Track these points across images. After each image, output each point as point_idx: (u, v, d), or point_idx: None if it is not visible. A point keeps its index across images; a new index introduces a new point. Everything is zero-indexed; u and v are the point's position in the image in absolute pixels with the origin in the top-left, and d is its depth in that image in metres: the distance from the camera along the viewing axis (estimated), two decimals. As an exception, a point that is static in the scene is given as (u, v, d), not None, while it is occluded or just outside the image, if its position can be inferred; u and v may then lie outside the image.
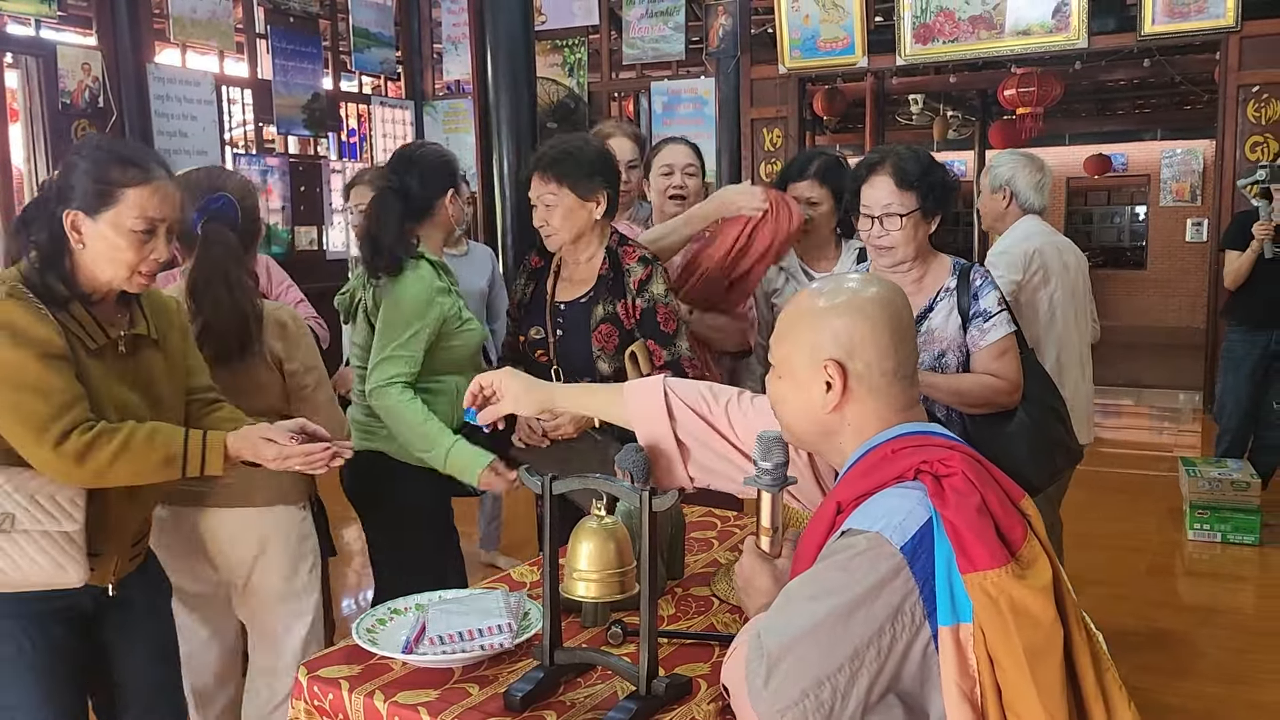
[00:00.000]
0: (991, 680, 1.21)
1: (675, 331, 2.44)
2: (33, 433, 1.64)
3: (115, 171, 1.72)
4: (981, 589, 1.20)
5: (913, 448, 1.34)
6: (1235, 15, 6.43)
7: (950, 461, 1.29)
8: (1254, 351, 4.68)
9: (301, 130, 7.78)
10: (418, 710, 1.40)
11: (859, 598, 1.21)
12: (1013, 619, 1.19)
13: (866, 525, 1.26)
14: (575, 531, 1.42)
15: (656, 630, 1.36)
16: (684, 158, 3.02)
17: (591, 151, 2.47)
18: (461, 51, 8.84)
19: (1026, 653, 1.19)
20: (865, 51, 7.43)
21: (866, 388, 1.38)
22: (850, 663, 1.20)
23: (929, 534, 1.24)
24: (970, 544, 1.21)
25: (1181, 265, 14.26)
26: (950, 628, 1.21)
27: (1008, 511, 1.28)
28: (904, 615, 1.22)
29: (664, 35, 8.22)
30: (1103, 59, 8.11)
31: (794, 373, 1.43)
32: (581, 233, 2.46)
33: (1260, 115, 6.60)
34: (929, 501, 1.26)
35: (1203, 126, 13.27)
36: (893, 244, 2.31)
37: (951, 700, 1.21)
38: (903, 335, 1.41)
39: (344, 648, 1.59)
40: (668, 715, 1.37)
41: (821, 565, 1.28)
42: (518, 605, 1.61)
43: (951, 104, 12.26)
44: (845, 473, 1.40)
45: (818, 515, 1.39)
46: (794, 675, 1.20)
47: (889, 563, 1.22)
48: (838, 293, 1.43)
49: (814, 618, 1.22)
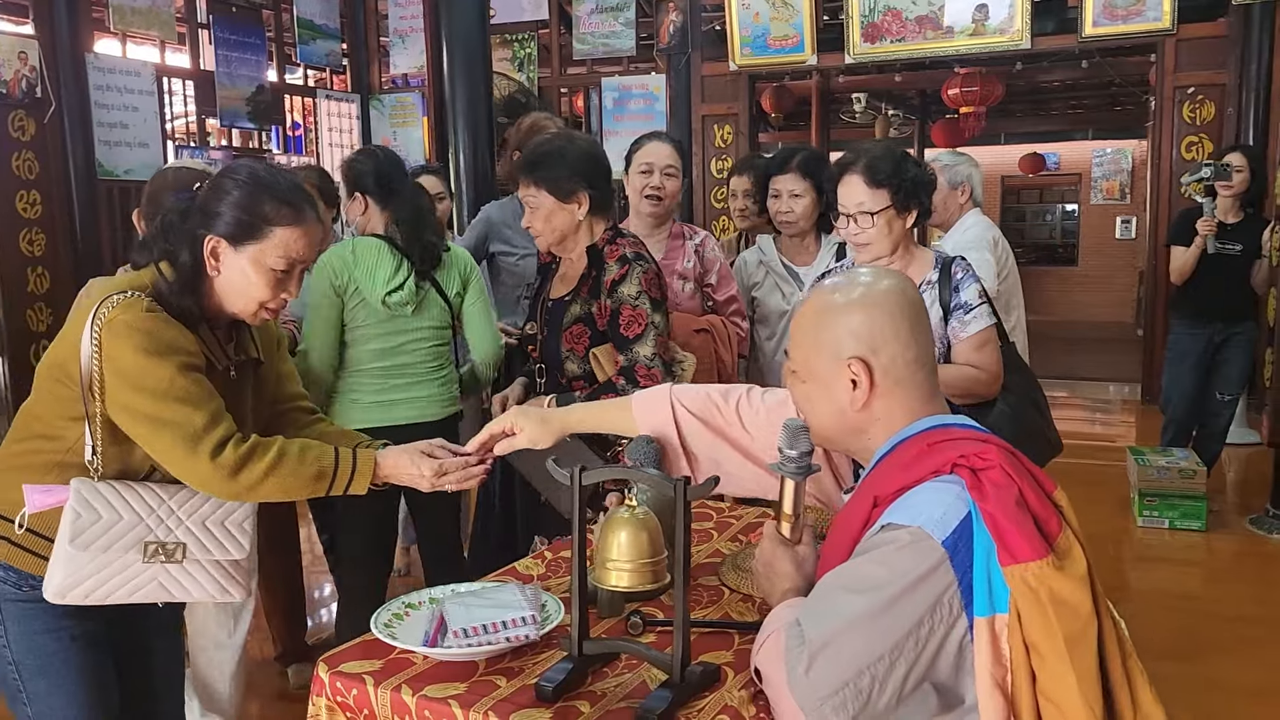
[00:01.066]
0: (1025, 669, 1.24)
1: (638, 337, 2.37)
2: (186, 443, 1.59)
3: (269, 207, 1.67)
4: (1022, 580, 1.22)
5: (948, 441, 1.36)
6: (1171, 19, 6.62)
7: (987, 455, 1.31)
8: (1198, 344, 4.82)
9: (245, 123, 7.63)
10: (448, 703, 1.39)
11: (901, 591, 1.23)
12: (1053, 609, 1.22)
13: (908, 520, 1.28)
14: (607, 522, 1.43)
15: (689, 619, 1.36)
16: (665, 157, 2.95)
17: (573, 151, 2.45)
18: (409, 45, 8.74)
19: (1066, 641, 1.22)
20: (815, 50, 7.50)
21: (893, 380, 1.40)
22: (890, 653, 1.22)
23: (968, 527, 1.26)
24: (1010, 537, 1.24)
25: (1111, 261, 14.66)
26: (986, 619, 1.24)
27: (1043, 503, 1.31)
28: (942, 607, 1.25)
29: (614, 31, 8.22)
30: (1044, 60, 8.30)
31: (816, 375, 1.44)
32: (565, 233, 2.46)
33: (1195, 116, 6.82)
34: (968, 495, 1.28)
35: (1132, 127, 13.68)
36: (868, 240, 2.36)
37: (984, 688, 1.24)
38: (920, 323, 1.43)
39: (362, 642, 1.57)
40: (701, 702, 1.38)
41: (864, 558, 1.30)
42: (535, 597, 1.61)
43: (893, 103, 12.45)
44: (876, 465, 1.41)
45: (852, 507, 1.40)
46: (834, 664, 1.22)
47: (931, 557, 1.25)
48: (850, 289, 1.44)
49: (856, 609, 1.24)
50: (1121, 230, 14.51)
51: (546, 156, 2.43)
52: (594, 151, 2.50)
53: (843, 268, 2.59)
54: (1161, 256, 6.92)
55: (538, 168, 2.42)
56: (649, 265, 2.44)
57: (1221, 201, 4.71)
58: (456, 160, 5.92)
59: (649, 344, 2.36)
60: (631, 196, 3.02)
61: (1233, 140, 6.59)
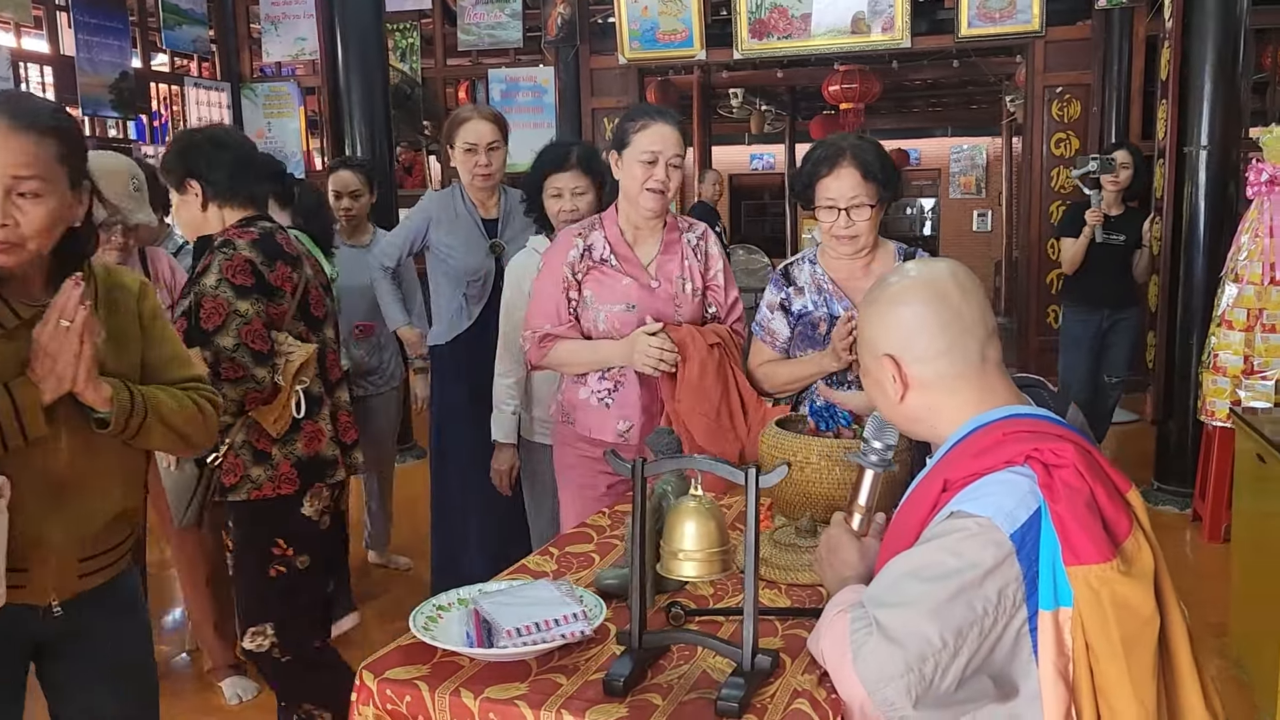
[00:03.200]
0: (1085, 663, 1.26)
1: (217, 328, 2.21)
2: None
3: None
4: (1085, 581, 1.24)
5: (1025, 433, 1.35)
6: (1040, 21, 6.95)
7: (1062, 452, 1.31)
8: (1090, 330, 5.11)
9: (109, 111, 7.20)
10: (515, 704, 1.35)
11: (969, 581, 1.24)
12: (1113, 611, 1.24)
13: (977, 510, 1.28)
14: (675, 512, 1.41)
15: (758, 607, 1.36)
16: (673, 145, 2.47)
17: (184, 142, 2.45)
18: (283, 32, 8.42)
19: (1123, 642, 1.25)
20: (703, 45, 7.58)
21: (932, 374, 1.39)
22: (955, 640, 1.23)
23: (1037, 523, 1.27)
24: (1076, 538, 1.25)
25: (969, 253, 15.31)
26: (1051, 612, 1.26)
27: (1115, 504, 1.31)
28: (1006, 599, 1.26)
29: (500, 22, 8.11)
30: (923, 59, 8.60)
31: (867, 369, 1.47)
32: (195, 225, 2.46)
33: (1063, 114, 7.18)
34: (1039, 490, 1.29)
35: (987, 124, 14.35)
36: (858, 233, 2.39)
37: (1047, 678, 1.26)
38: (954, 311, 1.39)
39: (400, 647, 1.51)
40: (770, 688, 1.38)
41: (932, 545, 1.30)
42: (571, 592, 1.58)
43: (766, 98, 12.69)
44: (949, 450, 1.40)
45: (920, 490, 1.41)
46: (899, 649, 1.22)
47: (998, 549, 1.25)
48: (886, 285, 1.46)
49: (923, 596, 1.24)
50: (978, 223, 15.21)
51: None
52: (214, 139, 2.42)
53: (803, 259, 2.61)
54: (1035, 248, 7.32)
55: None
56: (236, 251, 2.26)
57: (1106, 195, 5.00)
58: (354, 150, 5.75)
59: (231, 334, 2.20)
60: (627, 185, 2.50)
61: (1097, 137, 7.00)
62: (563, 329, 2.52)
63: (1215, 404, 4.20)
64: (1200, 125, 4.61)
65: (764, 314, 2.60)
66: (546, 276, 2.59)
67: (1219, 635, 3.40)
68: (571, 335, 2.53)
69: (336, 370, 2.45)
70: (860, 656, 1.24)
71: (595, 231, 2.56)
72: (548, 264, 2.60)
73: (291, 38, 8.42)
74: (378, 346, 3.99)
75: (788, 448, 1.96)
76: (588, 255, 2.54)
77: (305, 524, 2.34)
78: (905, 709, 1.23)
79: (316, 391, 2.35)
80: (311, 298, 2.38)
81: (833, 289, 2.50)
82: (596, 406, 2.55)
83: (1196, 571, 4.20)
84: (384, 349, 4.04)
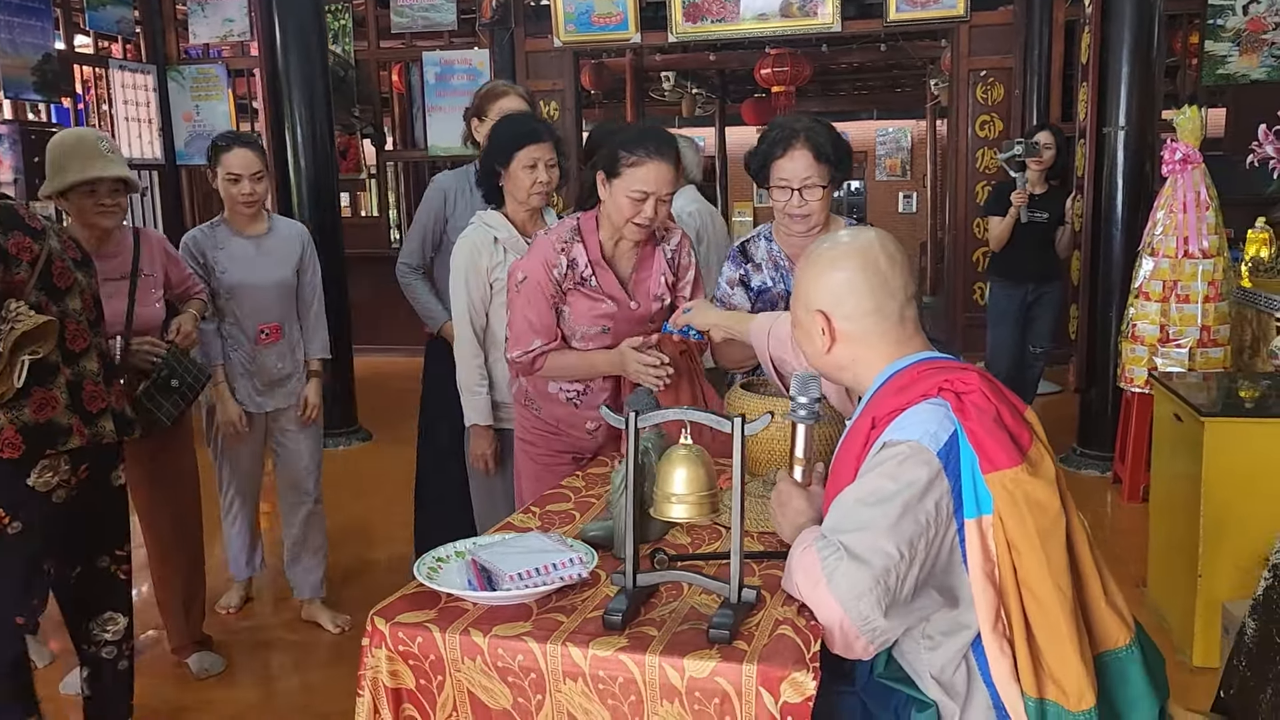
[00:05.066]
0: (1009, 563, 1.45)
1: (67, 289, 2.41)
2: None
3: None
4: (1001, 485, 1.44)
5: (935, 369, 1.57)
6: (965, 6, 7.18)
7: (969, 380, 1.53)
8: (1014, 303, 5.36)
9: (32, 94, 7.04)
10: (523, 640, 1.46)
11: (911, 498, 1.43)
12: (1027, 508, 1.44)
13: (905, 436, 1.48)
14: (667, 458, 1.52)
15: (742, 547, 1.48)
16: (667, 185, 2.37)
17: None
18: (210, 13, 8.29)
19: (1040, 535, 1.45)
20: (639, 28, 7.67)
21: (857, 330, 1.61)
22: (908, 551, 1.42)
23: (956, 442, 1.47)
24: (990, 448, 1.45)
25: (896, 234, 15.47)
26: (974, 520, 1.46)
27: (1017, 421, 1.53)
28: (941, 510, 1.46)
29: (434, 5, 8.10)
30: (854, 43, 8.80)
31: (799, 320, 1.68)
32: None
33: (987, 97, 7.43)
34: (953, 415, 1.49)
35: (912, 108, 14.68)
36: (810, 212, 2.51)
37: (977, 581, 1.46)
38: (882, 279, 1.61)
39: (405, 596, 1.60)
40: (755, 618, 1.51)
41: (873, 473, 1.48)
42: (561, 540, 1.69)
43: (696, 81, 12.83)
44: (874, 393, 1.61)
45: (853, 432, 1.61)
46: (866, 566, 1.40)
47: (930, 467, 1.45)
48: (824, 249, 1.67)
49: (876, 517, 1.42)
50: (904, 205, 15.57)
51: None
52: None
53: (759, 236, 2.73)
54: (961, 228, 7.57)
55: None
56: None
57: (1030, 174, 5.23)
58: (294, 134, 5.73)
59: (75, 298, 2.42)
60: (613, 212, 2.42)
61: (1019, 119, 7.26)
62: (555, 344, 2.50)
63: (1134, 371, 4.45)
64: (1118, 107, 4.84)
65: (724, 290, 2.71)
66: (534, 290, 2.47)
67: (1138, 586, 3.64)
68: (560, 347, 2.52)
69: (81, 341, 2.42)
70: (834, 579, 1.41)
71: (577, 245, 2.48)
72: (532, 275, 2.47)
73: (219, 19, 8.30)
74: (289, 350, 3.46)
75: (753, 408, 2.08)
76: (572, 271, 2.47)
77: (27, 493, 2.31)
78: (877, 619, 1.40)
79: (53, 360, 2.33)
80: (55, 268, 2.38)
81: (789, 265, 2.63)
82: (565, 404, 2.59)
83: (1117, 529, 4.45)
84: (296, 350, 3.50)
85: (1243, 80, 6.79)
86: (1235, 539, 2.96)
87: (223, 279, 3.32)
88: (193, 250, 3.33)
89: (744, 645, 1.42)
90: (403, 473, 3.99)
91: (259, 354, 3.38)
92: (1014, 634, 1.45)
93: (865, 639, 1.42)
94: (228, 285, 3.32)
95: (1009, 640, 1.46)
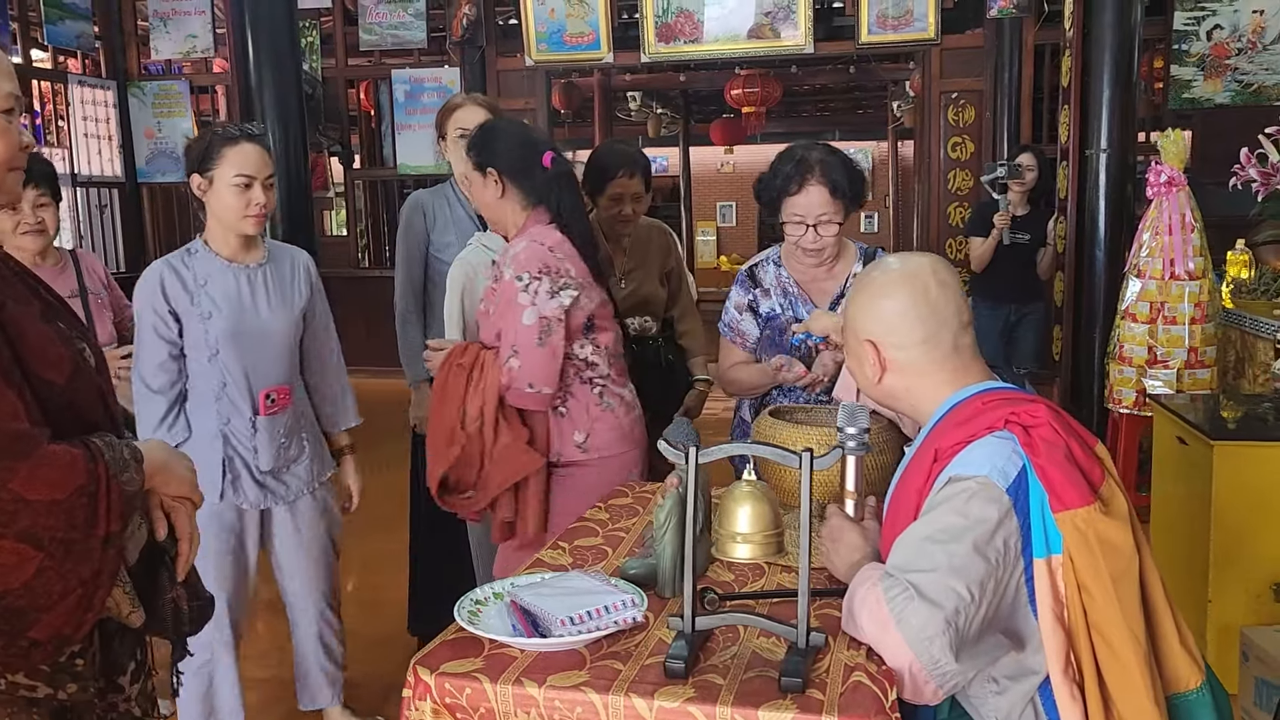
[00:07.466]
0: (1079, 605, 1.39)
1: None
2: None
3: None
4: (1072, 524, 1.38)
5: (1000, 400, 1.51)
6: (936, 29, 7.23)
7: (1037, 413, 1.46)
8: (997, 324, 5.36)
9: (-11, 109, 6.84)
10: (581, 690, 1.37)
11: (981, 536, 1.37)
12: (1100, 549, 1.38)
13: (973, 471, 1.41)
14: (729, 495, 1.45)
15: (809, 588, 1.41)
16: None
17: None
18: (172, 29, 8.14)
19: (1112, 577, 1.39)
20: (611, 48, 7.63)
21: (906, 360, 1.55)
22: (978, 592, 1.35)
23: (1024, 478, 1.41)
24: (1060, 486, 1.39)
25: (857, 254, 15.81)
26: (1044, 560, 1.39)
27: (1088, 456, 1.46)
28: (1010, 550, 1.39)
29: (404, 22, 8.02)
30: (827, 64, 8.84)
31: (850, 348, 1.63)
32: None
33: (958, 119, 7.48)
34: (1021, 450, 1.42)
35: (874, 129, 14.81)
36: (824, 246, 2.46)
37: (1046, 623, 1.39)
38: (931, 306, 1.55)
39: (447, 642, 1.50)
40: (823, 663, 1.43)
41: (941, 509, 1.42)
42: (606, 581, 1.61)
43: (661, 102, 12.83)
44: (935, 424, 1.55)
45: (913, 464, 1.54)
46: (935, 607, 1.33)
47: (1000, 504, 1.39)
48: (874, 276, 1.61)
49: (946, 556, 1.36)
50: (865, 225, 15.67)
51: None
52: None
53: (767, 260, 2.67)
54: (934, 248, 7.60)
55: None
56: None
57: (1013, 195, 5.25)
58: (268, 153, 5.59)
59: None
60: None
61: (990, 141, 7.31)
62: None
63: (1122, 392, 4.44)
64: (1100, 129, 4.88)
65: (732, 315, 2.64)
66: (560, 331, 2.32)
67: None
68: None
69: None
70: (904, 620, 1.34)
71: None
72: (543, 315, 2.29)
73: (182, 34, 8.16)
74: (296, 420, 2.59)
75: (786, 437, 2.01)
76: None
77: None
78: (948, 663, 1.33)
79: None
80: None
81: (798, 291, 2.57)
82: None
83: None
84: (301, 423, 2.61)
85: (1208, 105, 6.91)
86: (1246, 563, 2.94)
87: (211, 326, 2.43)
88: (164, 288, 2.42)
89: (818, 694, 1.34)
90: (383, 496, 3.85)
91: (260, 427, 2.49)
92: (1084, 679, 1.39)
93: (935, 683, 1.36)
94: (218, 334, 2.44)
95: (1079, 685, 1.40)
